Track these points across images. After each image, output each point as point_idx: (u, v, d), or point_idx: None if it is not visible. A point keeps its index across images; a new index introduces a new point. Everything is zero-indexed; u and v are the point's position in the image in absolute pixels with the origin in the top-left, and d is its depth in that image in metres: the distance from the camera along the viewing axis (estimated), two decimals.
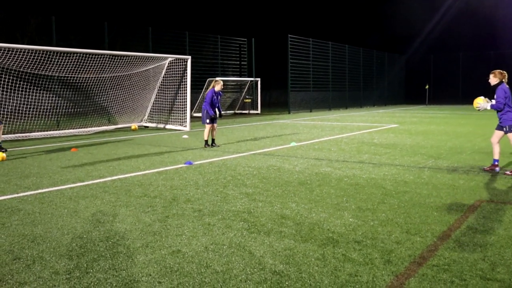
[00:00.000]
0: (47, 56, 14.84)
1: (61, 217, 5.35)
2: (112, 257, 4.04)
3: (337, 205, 5.77)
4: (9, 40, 20.28)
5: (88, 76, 16.77)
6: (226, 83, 26.01)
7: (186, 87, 17.86)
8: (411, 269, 3.72)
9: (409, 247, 4.23)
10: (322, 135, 14.72)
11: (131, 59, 17.25)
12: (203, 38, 27.70)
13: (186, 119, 17.71)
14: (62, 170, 8.57)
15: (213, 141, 11.89)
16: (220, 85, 11.64)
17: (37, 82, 15.52)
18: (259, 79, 29.94)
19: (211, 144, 11.85)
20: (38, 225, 5.04)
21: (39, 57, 14.61)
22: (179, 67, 18.42)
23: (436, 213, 5.36)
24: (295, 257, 4.01)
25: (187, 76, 17.85)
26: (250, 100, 29.85)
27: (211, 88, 11.61)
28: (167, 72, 18.84)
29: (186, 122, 17.68)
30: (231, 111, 29.29)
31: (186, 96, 17.85)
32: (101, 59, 16.49)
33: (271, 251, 4.15)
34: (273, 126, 19.11)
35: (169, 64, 18.78)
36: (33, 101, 15.23)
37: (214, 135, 11.89)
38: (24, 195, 6.53)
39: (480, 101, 8.06)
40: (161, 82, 19.09)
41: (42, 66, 14.92)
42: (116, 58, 16.81)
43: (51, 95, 16.26)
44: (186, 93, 17.84)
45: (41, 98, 15.54)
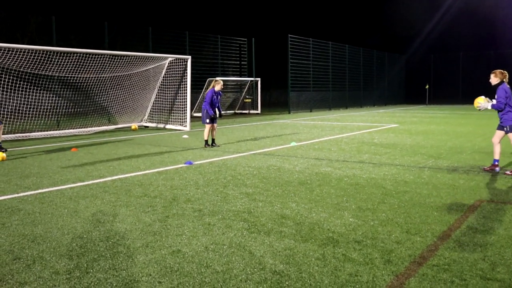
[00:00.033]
0: (47, 56, 14.84)
1: (61, 217, 5.35)
2: (112, 257, 4.04)
3: (337, 205, 5.77)
4: (9, 40, 20.28)
5: (88, 76, 16.77)
6: (226, 83, 26.02)
7: (186, 87, 17.86)
8: (411, 269, 3.72)
9: (409, 247, 4.23)
10: (322, 135, 14.72)
11: (131, 59, 17.26)
12: (203, 38, 27.70)
13: (186, 119, 17.71)
14: (62, 170, 8.57)
15: (213, 141, 11.90)
16: (220, 85, 11.64)
17: (37, 82, 15.52)
18: (259, 79, 29.94)
19: (211, 144, 11.85)
20: (38, 225, 5.04)
21: (39, 57, 14.62)
22: (179, 67, 18.42)
23: (436, 213, 5.36)
24: (295, 257, 4.01)
25: (187, 76, 17.85)
26: (250, 100, 29.86)
27: (211, 88, 11.62)
28: (167, 72, 18.84)
29: (186, 122, 17.68)
30: (231, 111, 29.29)
31: (186, 96, 17.86)
32: (101, 59, 16.49)
33: (271, 251, 4.16)
34: (273, 126, 19.11)
35: (169, 64, 18.78)
36: (33, 101, 15.24)
37: (214, 135, 11.89)
38: (24, 195, 6.53)
39: (481, 100, 8.06)
40: (161, 82, 19.09)
41: (42, 66, 14.92)
42: (116, 58, 16.82)
43: (51, 95, 16.27)
44: (186, 93, 17.84)
45: (41, 98, 15.55)
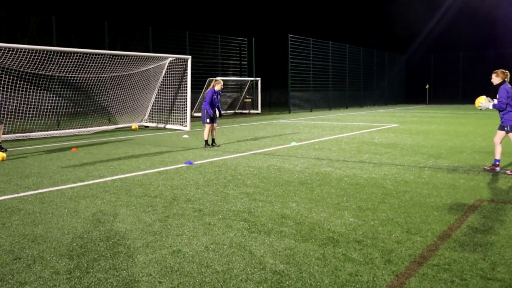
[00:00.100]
0: (47, 56, 14.85)
1: (61, 217, 5.35)
2: (112, 257, 4.05)
3: (337, 204, 5.77)
4: (9, 40, 20.27)
5: (88, 76, 16.78)
6: (226, 82, 26.02)
7: (186, 87, 17.86)
8: (411, 269, 3.72)
9: (410, 246, 4.23)
10: (322, 134, 14.72)
11: (131, 59, 17.26)
12: (203, 38, 27.70)
13: (186, 119, 17.71)
14: (62, 170, 8.57)
15: (213, 140, 11.90)
16: (220, 84, 11.64)
17: (37, 82, 15.52)
18: (259, 79, 29.93)
19: (211, 143, 11.85)
20: (38, 225, 5.04)
21: (39, 57, 14.62)
22: (179, 67, 18.42)
23: (436, 212, 5.36)
24: (296, 257, 4.01)
25: (187, 76, 17.86)
26: (250, 99, 29.85)
27: (211, 87, 11.62)
28: (167, 72, 18.85)
29: (186, 122, 17.68)
30: (231, 111, 29.29)
31: (186, 96, 17.86)
32: (101, 59, 16.50)
33: (272, 251, 4.16)
34: (274, 125, 19.11)
35: (169, 64, 18.78)
36: (33, 101, 15.24)
37: (214, 135, 11.89)
38: (24, 195, 6.53)
39: (482, 100, 8.05)
40: (162, 82, 19.09)
41: (42, 66, 14.92)
42: (116, 58, 16.82)
43: (52, 95, 16.27)
44: (186, 93, 17.84)
45: (41, 98, 15.55)
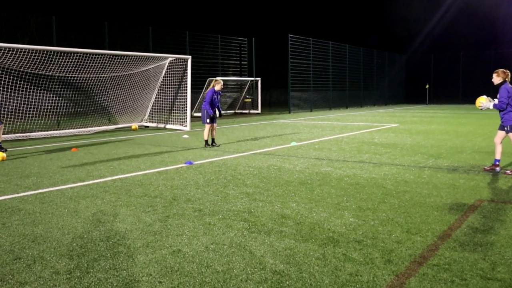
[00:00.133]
0: (47, 56, 14.85)
1: (61, 217, 5.35)
2: (112, 257, 4.05)
3: (337, 204, 5.77)
4: (9, 40, 20.26)
5: (88, 76, 16.78)
6: (226, 82, 26.02)
7: (186, 87, 17.87)
8: (411, 269, 3.72)
9: (410, 246, 4.23)
10: (322, 134, 14.72)
11: (131, 59, 17.26)
12: (203, 38, 27.70)
13: (186, 119, 17.72)
14: (62, 170, 8.58)
15: (213, 140, 11.90)
16: (220, 84, 11.64)
17: (37, 82, 15.52)
18: (259, 79, 29.93)
19: (211, 143, 11.85)
20: (38, 225, 5.04)
21: (39, 57, 14.62)
22: (180, 67, 18.42)
23: (436, 212, 5.36)
24: (296, 257, 4.01)
25: (187, 76, 17.86)
26: (250, 99, 29.85)
27: (211, 87, 11.62)
28: (167, 72, 18.85)
29: (186, 122, 17.68)
30: (231, 111, 29.29)
31: (186, 96, 17.86)
32: (102, 59, 16.50)
33: (272, 251, 4.16)
34: (274, 125, 19.11)
35: (169, 64, 18.78)
36: (33, 101, 15.24)
37: (213, 135, 11.89)
38: (24, 195, 6.54)
39: (482, 100, 8.04)
40: (162, 82, 19.09)
41: (42, 66, 14.93)
42: (116, 58, 16.82)
43: (52, 95, 16.27)
44: (186, 93, 17.84)
45: (41, 98, 15.55)
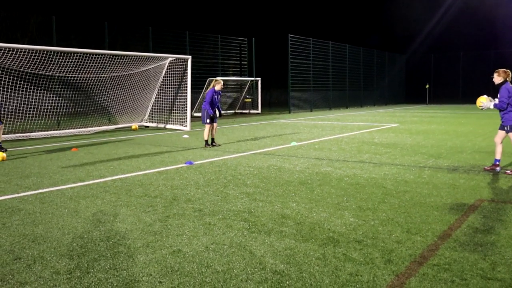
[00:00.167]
0: (47, 56, 14.85)
1: (61, 217, 5.35)
2: (112, 257, 4.05)
3: (337, 204, 5.77)
4: (9, 40, 20.26)
5: (88, 76, 16.78)
6: (226, 82, 26.01)
7: (186, 87, 17.87)
8: (411, 269, 3.72)
9: (410, 246, 4.23)
10: (322, 134, 14.72)
11: (131, 59, 17.26)
12: (204, 38, 27.70)
13: (186, 119, 17.72)
14: (62, 170, 8.58)
15: (213, 140, 11.89)
16: (220, 84, 11.64)
17: (37, 82, 15.52)
18: (259, 79, 29.93)
19: (211, 143, 11.85)
20: (38, 225, 5.04)
21: (39, 57, 14.62)
22: (180, 66, 18.42)
23: (436, 212, 5.36)
24: (296, 257, 4.01)
25: (187, 75, 17.86)
26: (250, 99, 29.85)
27: (211, 87, 11.62)
28: (167, 72, 18.85)
29: (186, 122, 17.68)
30: (231, 111, 29.29)
31: (186, 95, 17.86)
32: (102, 59, 16.50)
33: (272, 251, 4.16)
34: (274, 125, 19.11)
35: (169, 64, 18.78)
36: (33, 101, 15.24)
37: (213, 135, 11.89)
38: (24, 195, 6.54)
39: (483, 100, 8.04)
40: (162, 82, 19.09)
41: (42, 66, 14.93)
42: (116, 58, 16.82)
43: (52, 95, 16.27)
44: (186, 93, 17.85)
45: (41, 98, 15.55)
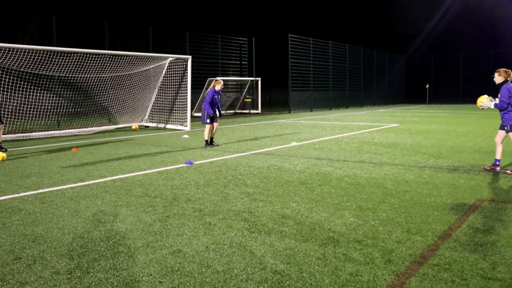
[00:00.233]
0: (47, 56, 14.85)
1: (62, 217, 5.35)
2: (113, 257, 4.05)
3: (337, 204, 5.77)
4: (9, 40, 20.29)
5: (88, 76, 16.78)
6: (226, 82, 26.01)
7: (186, 87, 17.87)
8: (412, 269, 3.72)
9: (410, 246, 4.23)
10: (322, 134, 14.72)
11: (131, 59, 17.26)
12: (204, 38, 27.70)
13: (186, 119, 17.72)
14: (62, 170, 8.58)
15: (212, 140, 11.87)
16: (220, 84, 11.64)
17: (37, 82, 15.52)
18: (259, 79, 29.94)
19: (210, 143, 11.84)
20: (39, 225, 5.05)
21: (39, 57, 14.62)
22: (180, 66, 18.42)
23: (436, 212, 5.36)
24: (296, 257, 4.01)
25: (187, 75, 17.86)
26: (250, 99, 29.85)
27: (211, 87, 11.62)
28: (167, 72, 18.85)
29: (186, 122, 17.69)
30: (231, 111, 29.29)
31: (186, 95, 17.86)
32: (102, 59, 16.50)
33: (272, 251, 4.16)
34: (274, 125, 19.11)
35: (169, 64, 18.78)
36: (33, 101, 15.24)
37: (213, 134, 11.89)
38: (24, 195, 6.54)
39: (484, 99, 8.04)
40: (162, 82, 19.10)
41: (42, 66, 14.93)
42: (116, 58, 16.82)
43: (52, 95, 16.27)
44: (186, 93, 17.85)
45: (41, 98, 15.55)
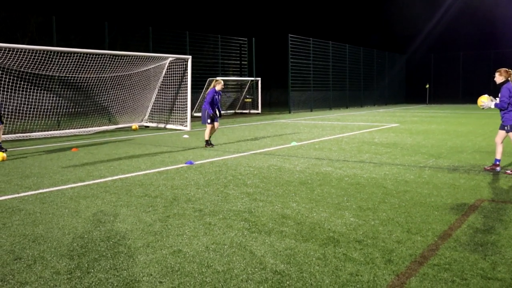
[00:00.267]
0: (47, 56, 14.85)
1: (62, 217, 5.36)
2: (113, 257, 4.05)
3: (338, 204, 5.77)
4: (9, 40, 20.29)
5: (88, 76, 16.78)
6: (226, 82, 26.00)
7: (186, 87, 17.87)
8: (412, 269, 3.72)
9: (410, 246, 4.23)
10: (322, 134, 14.72)
11: (131, 59, 17.26)
12: (204, 37, 27.70)
13: (186, 119, 17.72)
14: (62, 170, 8.58)
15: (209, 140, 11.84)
16: (221, 85, 11.63)
17: (37, 82, 15.52)
18: (259, 79, 29.94)
19: (207, 142, 11.83)
20: (39, 225, 5.05)
21: (39, 57, 14.63)
22: (180, 66, 18.43)
23: (437, 212, 5.36)
24: (296, 257, 4.01)
25: (187, 75, 17.86)
26: (250, 99, 29.86)
27: (211, 87, 11.61)
28: (167, 72, 18.85)
29: (186, 122, 17.69)
30: (231, 111, 29.29)
31: (186, 96, 17.86)
32: (102, 59, 16.50)
33: (272, 251, 4.16)
34: (274, 125, 19.11)
35: (169, 64, 18.78)
36: (33, 101, 15.24)
37: (211, 134, 11.86)
38: (25, 195, 6.54)
39: (484, 99, 8.03)
40: (162, 82, 19.10)
41: (42, 66, 14.93)
42: (116, 58, 16.82)
43: (52, 95, 16.28)
44: (186, 93, 17.85)
45: (41, 98, 15.55)
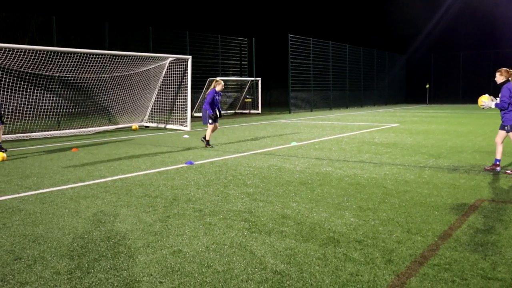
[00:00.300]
0: (47, 56, 14.85)
1: (62, 217, 5.36)
2: (113, 257, 4.05)
3: (338, 204, 5.77)
4: (9, 40, 20.28)
5: (88, 76, 16.78)
6: (226, 83, 26.01)
7: (186, 87, 17.88)
8: (412, 269, 3.72)
9: (410, 246, 4.23)
10: (322, 134, 14.72)
11: (131, 59, 17.26)
12: (204, 38, 27.70)
13: (186, 119, 17.73)
14: (63, 170, 8.58)
15: (205, 138, 11.83)
16: (221, 85, 11.63)
17: (37, 82, 15.53)
18: (259, 79, 29.94)
19: (203, 141, 11.83)
20: (39, 225, 5.05)
21: (39, 57, 14.63)
22: (180, 67, 18.43)
23: (437, 212, 5.36)
24: (296, 257, 4.01)
25: (187, 76, 17.86)
26: (250, 99, 29.85)
27: (212, 88, 11.61)
28: (167, 72, 18.85)
29: (186, 122, 17.69)
30: (231, 111, 29.29)
31: (186, 96, 17.86)
32: (102, 59, 16.50)
33: (272, 251, 4.16)
34: (274, 125, 19.11)
35: (169, 64, 18.79)
36: (33, 101, 15.25)
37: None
38: (25, 195, 6.54)
39: (484, 99, 8.03)
40: (162, 82, 19.10)
41: (42, 66, 14.93)
42: (116, 58, 16.82)
43: (52, 95, 16.28)
44: (186, 93, 17.85)
45: (41, 98, 15.56)
